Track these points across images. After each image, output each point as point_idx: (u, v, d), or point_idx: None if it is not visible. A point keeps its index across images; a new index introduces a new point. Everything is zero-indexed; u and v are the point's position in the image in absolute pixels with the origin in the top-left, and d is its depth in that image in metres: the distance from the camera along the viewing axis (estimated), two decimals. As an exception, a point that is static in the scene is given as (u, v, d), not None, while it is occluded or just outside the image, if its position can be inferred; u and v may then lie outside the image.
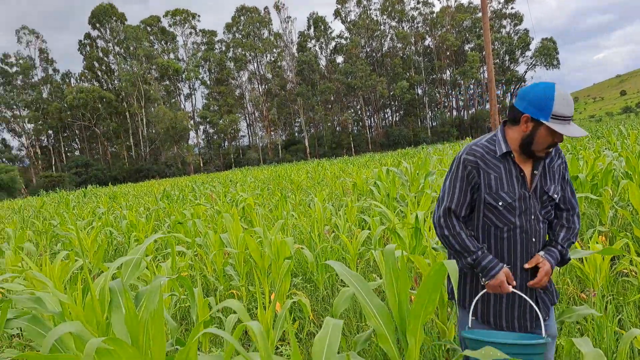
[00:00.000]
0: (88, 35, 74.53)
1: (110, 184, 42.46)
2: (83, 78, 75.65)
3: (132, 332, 1.95)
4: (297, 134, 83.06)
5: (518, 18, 73.39)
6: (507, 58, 74.41)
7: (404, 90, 69.08)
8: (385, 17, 77.51)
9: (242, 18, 76.67)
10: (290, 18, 79.95)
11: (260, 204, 10.18)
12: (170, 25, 77.11)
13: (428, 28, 76.58)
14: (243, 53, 75.99)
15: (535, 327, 2.17)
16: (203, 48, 78.49)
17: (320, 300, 4.63)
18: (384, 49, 79.02)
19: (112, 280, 2.19)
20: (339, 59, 79.18)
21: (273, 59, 79.30)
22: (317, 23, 76.78)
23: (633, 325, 3.19)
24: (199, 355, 1.68)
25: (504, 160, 2.09)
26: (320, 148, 73.75)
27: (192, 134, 75.80)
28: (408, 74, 74.89)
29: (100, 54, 74.90)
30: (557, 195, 2.13)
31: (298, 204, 9.53)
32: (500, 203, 2.06)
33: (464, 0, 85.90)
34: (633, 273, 3.76)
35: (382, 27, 77.81)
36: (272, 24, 78.86)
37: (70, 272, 3.41)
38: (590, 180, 5.92)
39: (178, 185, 24.70)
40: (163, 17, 76.53)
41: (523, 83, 74.70)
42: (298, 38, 78.91)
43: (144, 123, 71.44)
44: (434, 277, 2.02)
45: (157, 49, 75.21)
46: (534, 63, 71.75)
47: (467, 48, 76.05)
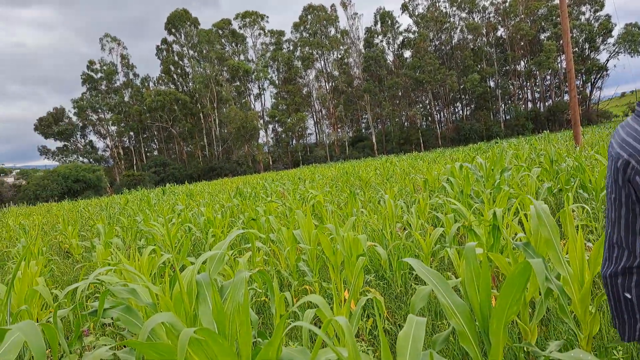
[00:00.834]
0: (164, 41, 78.31)
1: (186, 182, 44.40)
2: (160, 81, 79.60)
3: (218, 323, 2.04)
4: (364, 131, 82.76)
5: (598, 3, 68.68)
6: (586, 46, 69.93)
7: (475, 83, 66.81)
8: (455, 8, 75.28)
9: (309, 17, 77.39)
10: (357, 14, 79.70)
11: (330, 201, 10.25)
12: (240, 27, 79.28)
13: (500, 18, 73.49)
14: (310, 51, 76.71)
15: None
16: (271, 48, 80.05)
17: (394, 298, 4.60)
18: (454, 42, 76.80)
19: (198, 274, 2.30)
20: (407, 54, 77.94)
21: (340, 56, 79.44)
22: (384, 18, 75.98)
23: None
24: (284, 348, 1.73)
25: None
26: (388, 144, 73.03)
27: (261, 133, 77.65)
28: (479, 66, 72.35)
29: (176, 58, 78.44)
30: None
31: (367, 201, 9.51)
32: None
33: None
34: None
35: (451, 19, 75.65)
36: (338, 21, 79.00)
37: (157, 265, 3.61)
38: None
39: (249, 183, 25.40)
40: (233, 19, 78.86)
41: (605, 72, 69.97)
42: (365, 34, 78.51)
43: (217, 123, 74.05)
44: (519, 276, 1.96)
45: (228, 51, 77.62)
46: (617, 50, 66.90)
47: (542, 37, 72.24)
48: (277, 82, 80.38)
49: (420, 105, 78.63)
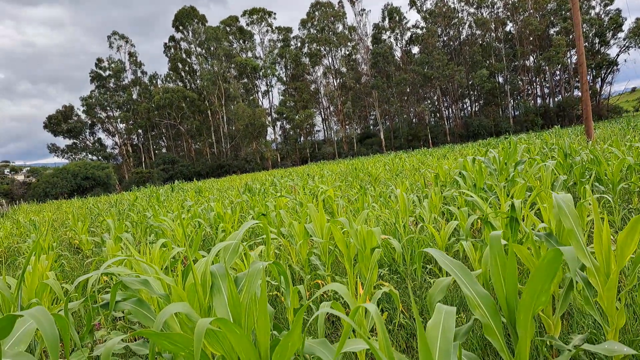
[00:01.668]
0: (172, 38, 78.48)
1: (195, 179, 44.50)
2: (168, 79, 79.82)
3: (234, 314, 1.98)
4: (372, 127, 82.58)
5: (609, -3, 67.96)
6: (596, 41, 69.13)
7: (484, 79, 66.30)
8: (463, 4, 74.71)
9: (316, 13, 77.19)
10: (365, 10, 79.47)
11: (340, 196, 10.17)
12: (248, 24, 79.25)
13: (509, 13, 72.84)
14: (318, 48, 76.52)
15: None
16: (279, 45, 79.96)
17: (408, 292, 4.52)
18: (462, 37, 76.27)
19: (212, 265, 2.24)
20: (415, 50, 77.60)
21: (347, 53, 79.21)
22: (391, 14, 75.61)
23: None
24: (306, 340, 1.65)
25: None
26: (396, 140, 72.76)
27: (269, 130, 77.68)
28: (488, 62, 71.78)
29: (184, 55, 78.59)
30: None
31: (378, 196, 9.42)
32: None
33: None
34: None
35: (459, 14, 75.11)
36: (346, 18, 78.81)
37: (169, 259, 3.56)
38: None
39: (258, 180, 25.38)
40: (241, 16, 78.85)
41: (615, 67, 69.15)
42: (372, 30, 78.17)
43: (225, 120, 74.15)
44: (548, 264, 1.87)
45: (235, 48, 77.65)
46: (628, 45, 66.09)
47: (552, 32, 71.55)
48: (284, 78, 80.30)
49: (429, 102, 78.22)
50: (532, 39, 71.80)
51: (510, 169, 6.93)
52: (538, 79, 76.96)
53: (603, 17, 68.37)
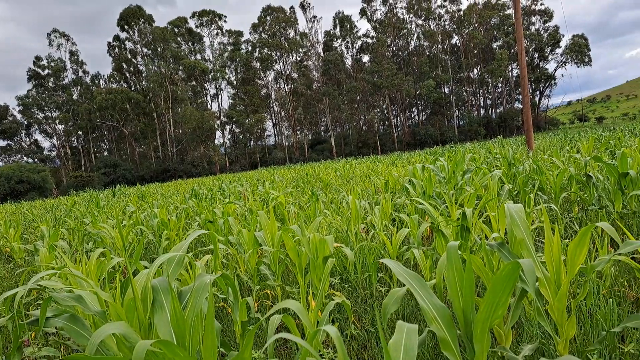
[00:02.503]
0: (117, 37, 75.91)
1: (138, 184, 43.07)
2: (112, 79, 77.04)
3: (178, 333, 1.82)
4: (323, 133, 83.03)
5: (548, 14, 71.76)
6: (536, 56, 72.86)
7: (431, 89, 68.20)
8: (412, 15, 76.70)
9: (268, 18, 76.93)
10: (316, 17, 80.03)
11: (291, 202, 10.05)
12: (197, 26, 77.87)
13: (455, 26, 75.44)
14: (269, 53, 76.21)
15: None
16: (229, 48, 79.00)
17: (360, 302, 4.46)
18: (411, 48, 78.23)
19: (154, 278, 2.07)
20: (365, 58, 78.80)
21: (299, 59, 79.36)
22: (343, 22, 76.51)
23: None
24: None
25: None
26: (347, 147, 73.48)
27: (218, 134, 76.48)
28: (435, 73, 73.93)
29: (129, 56, 76.20)
30: None
31: (329, 202, 9.37)
32: None
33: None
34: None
35: (408, 25, 77.03)
36: (298, 24, 78.98)
37: (107, 270, 3.32)
38: (642, 178, 5.59)
39: (205, 185, 24.82)
40: (190, 18, 77.36)
41: (553, 81, 72.98)
42: (324, 37, 78.86)
43: (171, 123, 72.35)
44: (506, 276, 1.83)
45: (184, 50, 76.04)
46: (565, 60, 70.05)
47: (495, 46, 74.71)
48: (235, 82, 79.37)
49: (378, 110, 79.56)
50: (476, 52, 74.65)
51: (459, 178, 7.05)
52: (481, 91, 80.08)
53: (542, 33, 72.11)
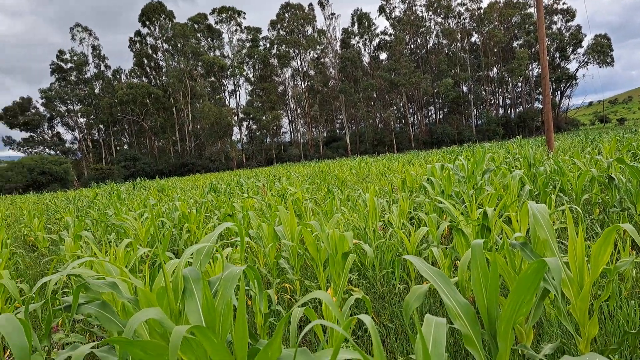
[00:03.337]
0: (138, 33, 76.74)
1: (157, 177, 43.56)
2: (133, 74, 77.98)
3: (208, 321, 1.88)
4: (338, 131, 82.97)
5: (570, 14, 70.66)
6: (557, 55, 71.81)
7: (449, 88, 67.67)
8: (431, 13, 76.15)
9: (286, 15, 77.04)
10: (334, 15, 79.83)
11: (308, 199, 10.11)
12: (217, 23, 78.32)
13: (475, 24, 74.70)
14: (287, 50, 76.36)
15: None
16: (248, 45, 79.33)
17: (378, 298, 4.49)
18: (429, 46, 77.71)
19: (186, 268, 2.13)
20: (383, 56, 78.51)
21: (316, 56, 79.36)
22: (361, 19, 76.30)
23: None
24: (283, 349, 1.58)
25: None
26: (362, 145, 73.34)
27: (235, 130, 76.92)
28: (453, 71, 73.35)
29: (149, 51, 76.99)
30: None
31: (346, 200, 9.41)
32: None
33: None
34: None
35: (427, 23, 76.52)
36: (316, 21, 78.89)
37: (134, 260, 3.41)
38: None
39: (223, 180, 25.04)
40: (210, 14, 77.86)
41: (574, 81, 71.90)
42: (342, 35, 78.75)
43: (190, 118, 72.97)
44: (532, 275, 1.86)
45: (203, 46, 76.56)
46: (587, 60, 68.95)
47: (515, 44, 73.83)
48: (252, 79, 79.71)
49: (395, 108, 79.20)
50: (496, 51, 73.84)
51: (478, 177, 7.03)
52: (501, 90, 79.19)
53: (564, 32, 71.04)
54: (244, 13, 79.61)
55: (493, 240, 4.15)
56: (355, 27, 77.29)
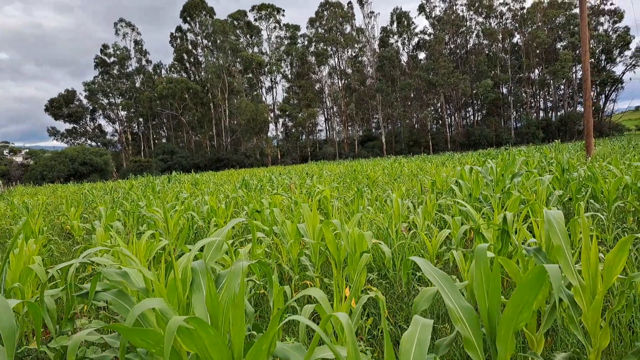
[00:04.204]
0: (179, 29, 78.37)
1: (193, 171, 44.41)
2: (172, 69, 79.71)
3: (212, 313, 1.95)
4: (374, 130, 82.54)
5: (618, 15, 67.96)
6: (603, 57, 69.17)
7: (488, 89, 66.28)
8: (472, 12, 74.73)
9: (325, 13, 77.11)
10: (374, 13, 79.36)
11: (336, 197, 10.15)
12: (256, 20, 79.16)
13: (517, 24, 72.87)
14: (325, 48, 76.46)
15: None
16: (286, 42, 79.85)
17: (396, 299, 4.49)
18: (469, 46, 76.32)
19: (194, 261, 2.20)
20: (421, 55, 77.60)
21: (354, 54, 79.16)
22: (400, 18, 75.62)
23: None
24: (278, 343, 1.63)
25: None
26: (397, 145, 72.76)
27: (271, 126, 77.63)
28: (493, 72, 71.79)
29: (189, 47, 78.50)
30: None
31: (374, 200, 9.40)
32: None
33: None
34: None
35: (467, 23, 75.17)
36: (354, 19, 78.71)
37: (155, 251, 3.52)
38: None
39: (256, 175, 25.34)
40: (249, 11, 78.78)
41: (620, 85, 69.18)
42: (380, 33, 78.22)
43: (227, 114, 74.06)
44: (532, 280, 1.84)
45: (242, 43, 77.52)
46: (634, 63, 66.16)
47: (558, 46, 71.63)
48: (289, 76, 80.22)
49: (432, 108, 78.18)
50: (538, 52, 71.84)
51: (507, 181, 6.91)
52: (542, 92, 77.01)
53: (611, 34, 68.43)
54: (283, 10, 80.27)
55: (514, 245, 4.09)
56: (394, 26, 76.67)
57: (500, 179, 7.07)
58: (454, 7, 74.96)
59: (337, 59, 79.41)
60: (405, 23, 75.76)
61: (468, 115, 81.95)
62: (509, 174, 7.12)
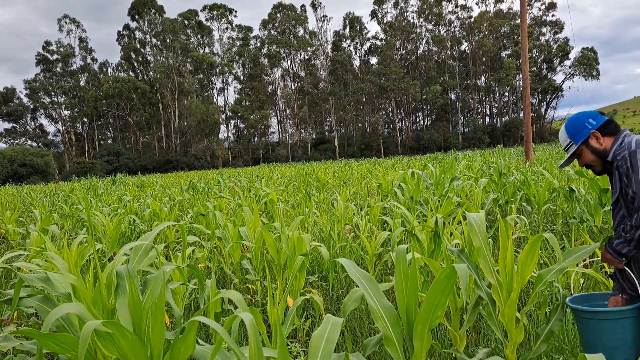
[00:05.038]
0: (127, 26, 76.17)
1: (140, 173, 43.22)
2: (119, 68, 77.36)
3: (135, 317, 1.94)
4: (327, 133, 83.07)
5: (558, 26, 71.57)
6: (544, 66, 72.60)
7: (437, 95, 68.17)
8: (422, 20, 76.70)
9: (278, 15, 77.04)
10: (327, 17, 79.95)
11: (284, 200, 10.18)
12: (207, 20, 78.02)
13: (465, 33, 75.39)
14: (277, 50, 76.34)
15: None
16: (238, 43, 79.11)
17: (335, 300, 4.58)
18: (419, 52, 78.25)
19: (121, 265, 2.19)
20: (373, 60, 78.87)
21: (307, 57, 79.46)
22: (353, 23, 76.58)
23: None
24: (198, 346, 1.65)
25: None
26: (350, 148, 73.55)
27: (222, 128, 76.70)
28: (442, 78, 73.92)
29: (138, 45, 76.46)
30: None
31: (322, 202, 9.50)
32: None
33: (504, 6, 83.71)
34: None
35: (418, 29, 77.06)
36: (307, 22, 79.02)
37: (87, 256, 3.45)
38: None
39: (205, 178, 24.99)
40: (200, 11, 77.51)
41: (560, 93, 72.78)
42: (333, 37, 78.95)
43: (176, 115, 72.56)
44: (445, 280, 1.95)
45: (193, 42, 76.22)
46: (573, 73, 69.76)
47: (503, 54, 74.61)
48: (242, 77, 79.53)
49: (383, 113, 79.60)
50: (484, 60, 74.53)
51: (446, 184, 7.16)
52: (488, 99, 79.97)
53: (552, 44, 71.89)
54: (236, 11, 79.59)
55: (444, 246, 4.26)
56: (347, 30, 77.56)
57: (440, 182, 7.32)
58: (405, 13, 76.68)
59: (290, 62, 79.52)
60: (358, 28, 76.80)
61: (418, 120, 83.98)
62: (449, 178, 7.38)
